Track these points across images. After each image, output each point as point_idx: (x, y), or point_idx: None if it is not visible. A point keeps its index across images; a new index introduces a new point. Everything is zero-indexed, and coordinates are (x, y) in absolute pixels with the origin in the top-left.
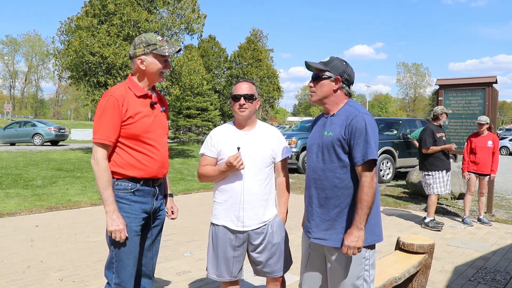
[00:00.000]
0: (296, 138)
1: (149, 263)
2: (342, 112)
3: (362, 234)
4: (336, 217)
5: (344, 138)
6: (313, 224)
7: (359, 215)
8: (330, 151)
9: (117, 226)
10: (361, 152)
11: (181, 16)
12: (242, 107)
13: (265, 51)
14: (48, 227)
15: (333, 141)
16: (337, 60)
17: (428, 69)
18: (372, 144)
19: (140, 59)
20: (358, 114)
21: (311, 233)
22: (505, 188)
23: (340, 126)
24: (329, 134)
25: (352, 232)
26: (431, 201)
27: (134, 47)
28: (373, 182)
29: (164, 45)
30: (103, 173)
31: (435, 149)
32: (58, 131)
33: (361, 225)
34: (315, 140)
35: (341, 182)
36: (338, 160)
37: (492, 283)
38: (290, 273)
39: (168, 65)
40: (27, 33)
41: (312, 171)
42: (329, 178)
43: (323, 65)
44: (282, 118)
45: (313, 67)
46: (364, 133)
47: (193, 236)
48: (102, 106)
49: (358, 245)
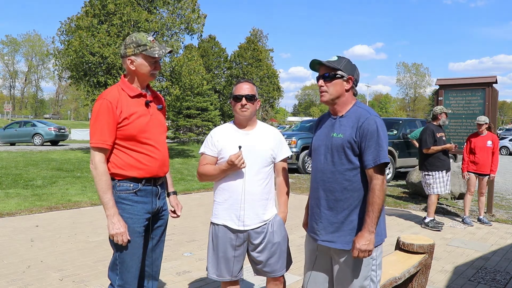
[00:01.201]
0: (296, 138)
1: (154, 264)
2: (351, 113)
3: (373, 237)
4: (344, 219)
5: (355, 140)
6: (320, 226)
7: (370, 218)
8: (340, 153)
9: (118, 230)
10: (372, 155)
11: (181, 16)
12: (244, 107)
13: (265, 51)
14: (48, 227)
15: (343, 143)
16: (347, 60)
17: (428, 69)
18: (384, 147)
19: (130, 59)
20: (370, 117)
21: (318, 236)
22: (505, 188)
23: (351, 128)
24: (339, 136)
25: (364, 235)
26: (431, 201)
27: (125, 46)
28: (384, 185)
29: (155, 46)
30: (101, 177)
31: (436, 148)
32: (58, 131)
33: (373, 228)
34: (323, 142)
35: (350, 185)
36: (348, 162)
37: (492, 283)
38: (290, 272)
39: (158, 66)
40: (27, 33)
41: (320, 173)
42: (338, 180)
43: (335, 63)
44: (282, 118)
45: (324, 66)
46: (376, 136)
47: (193, 236)
48: (96, 110)
49: (370, 248)
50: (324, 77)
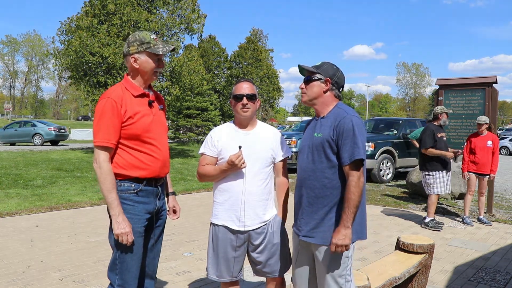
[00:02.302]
0: (296, 138)
1: (151, 264)
2: (331, 114)
3: (349, 232)
4: (324, 215)
5: (332, 139)
6: (302, 222)
7: (346, 214)
8: (319, 151)
9: (123, 229)
10: (348, 152)
11: (181, 16)
12: (245, 107)
13: (265, 51)
14: (48, 227)
15: (322, 142)
16: (328, 64)
17: (428, 69)
18: (359, 145)
19: (134, 57)
20: (346, 116)
21: (300, 231)
22: (505, 188)
23: (329, 128)
24: (319, 135)
25: (340, 231)
26: (431, 201)
27: (128, 45)
28: (360, 182)
29: (158, 44)
30: (106, 176)
31: (433, 152)
32: (58, 131)
33: (348, 224)
34: (306, 142)
35: (330, 182)
36: (327, 160)
37: (492, 283)
38: (290, 273)
39: (161, 64)
40: (27, 33)
41: (303, 171)
42: (318, 178)
43: (314, 68)
44: (282, 118)
45: (305, 70)
46: (351, 134)
47: (193, 236)
48: (101, 108)
49: (346, 243)
50: (304, 80)
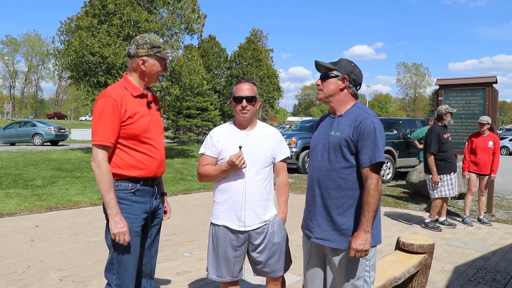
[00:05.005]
0: (296, 138)
1: (149, 263)
2: (350, 113)
3: (369, 237)
4: (338, 218)
5: (352, 139)
6: (315, 224)
7: (365, 218)
8: (336, 151)
9: (120, 229)
10: (368, 155)
11: (181, 16)
12: (245, 109)
13: (265, 51)
14: (48, 227)
15: (340, 141)
16: (346, 61)
17: (428, 69)
18: (380, 147)
19: (142, 59)
20: (368, 117)
21: (312, 233)
22: (505, 188)
23: (349, 127)
24: (337, 134)
25: (359, 235)
26: (435, 204)
27: (137, 46)
28: (379, 185)
29: (167, 49)
30: (104, 176)
31: (431, 162)
32: (58, 131)
33: (368, 228)
34: (321, 140)
35: (345, 183)
36: (344, 160)
37: (492, 283)
38: (290, 273)
39: (166, 68)
40: (27, 33)
41: (317, 171)
42: (333, 178)
43: (332, 64)
44: (282, 118)
45: (322, 66)
46: (373, 135)
47: (193, 236)
48: (101, 107)
49: (366, 248)
50: (321, 77)
